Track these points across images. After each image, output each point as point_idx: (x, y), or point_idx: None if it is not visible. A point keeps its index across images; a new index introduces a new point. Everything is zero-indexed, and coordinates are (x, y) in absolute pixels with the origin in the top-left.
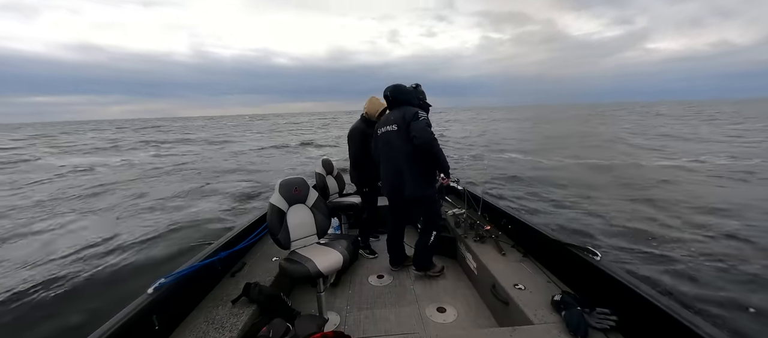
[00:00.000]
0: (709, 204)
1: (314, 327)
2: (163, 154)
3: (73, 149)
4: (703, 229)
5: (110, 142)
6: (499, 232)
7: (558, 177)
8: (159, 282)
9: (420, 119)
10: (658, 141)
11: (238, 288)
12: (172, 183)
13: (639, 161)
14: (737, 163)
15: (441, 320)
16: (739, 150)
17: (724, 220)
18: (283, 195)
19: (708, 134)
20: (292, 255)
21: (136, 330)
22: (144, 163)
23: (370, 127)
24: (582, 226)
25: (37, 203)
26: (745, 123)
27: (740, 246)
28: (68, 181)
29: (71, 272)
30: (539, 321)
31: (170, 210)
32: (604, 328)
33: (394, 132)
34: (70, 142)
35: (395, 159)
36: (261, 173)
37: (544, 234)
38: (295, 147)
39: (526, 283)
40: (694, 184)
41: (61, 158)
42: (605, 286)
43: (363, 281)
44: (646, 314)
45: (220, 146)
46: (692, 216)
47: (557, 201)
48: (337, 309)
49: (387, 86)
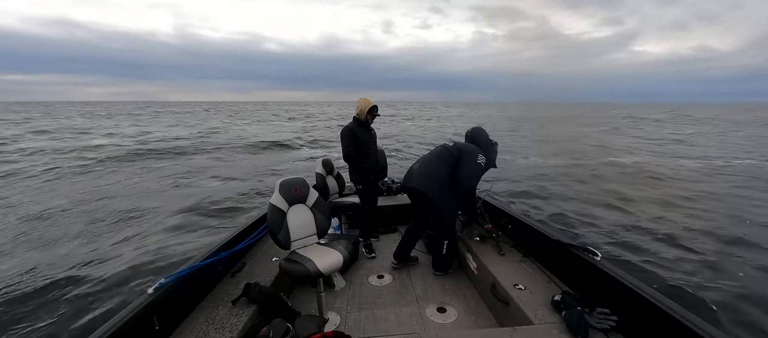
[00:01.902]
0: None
1: (314, 327)
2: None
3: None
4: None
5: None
6: (499, 232)
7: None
8: (159, 282)
9: (477, 163)
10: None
11: (238, 288)
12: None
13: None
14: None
15: (441, 320)
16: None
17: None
18: (283, 195)
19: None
20: (292, 255)
21: (136, 330)
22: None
23: (360, 127)
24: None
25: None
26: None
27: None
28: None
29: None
30: (539, 321)
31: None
32: (604, 328)
33: (448, 150)
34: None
35: (437, 171)
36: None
37: (544, 234)
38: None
39: (526, 283)
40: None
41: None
42: (605, 286)
43: (363, 281)
44: (646, 314)
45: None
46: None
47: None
48: (337, 309)
49: (472, 128)
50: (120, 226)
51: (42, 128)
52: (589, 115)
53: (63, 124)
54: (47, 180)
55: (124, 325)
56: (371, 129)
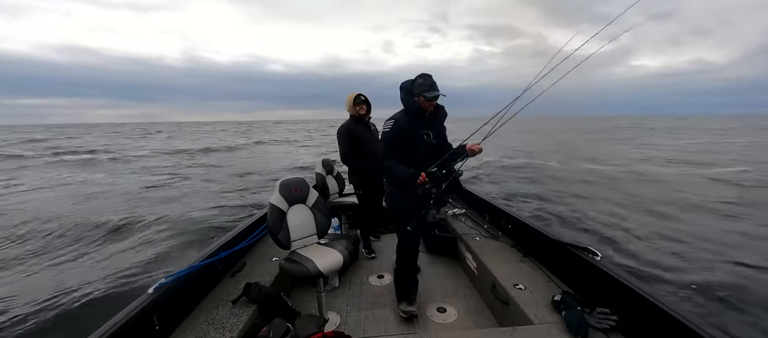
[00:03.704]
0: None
1: (314, 327)
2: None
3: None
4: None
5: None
6: (499, 232)
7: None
8: (159, 282)
9: (384, 133)
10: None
11: (238, 288)
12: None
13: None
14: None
15: (441, 320)
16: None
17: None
18: (283, 195)
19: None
20: (292, 255)
21: (136, 330)
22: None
23: (356, 124)
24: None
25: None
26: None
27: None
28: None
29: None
30: (539, 321)
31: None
32: (604, 328)
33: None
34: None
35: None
36: None
37: (544, 234)
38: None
39: (526, 283)
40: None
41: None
42: (605, 286)
43: (363, 281)
44: (646, 314)
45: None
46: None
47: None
48: (337, 309)
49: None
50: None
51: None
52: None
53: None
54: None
55: (124, 325)
56: (372, 126)
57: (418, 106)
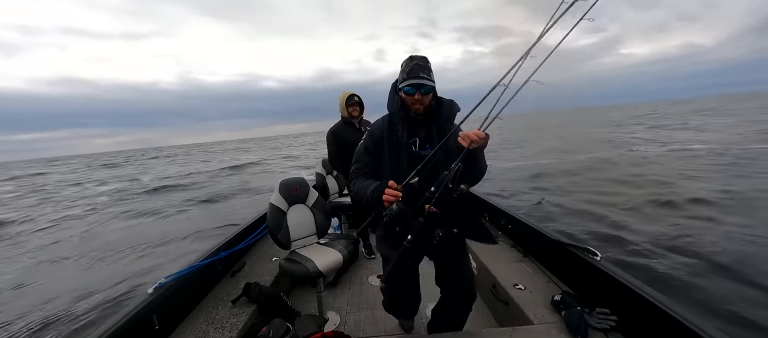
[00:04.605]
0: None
1: (314, 327)
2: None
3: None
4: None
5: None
6: (499, 232)
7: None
8: (159, 281)
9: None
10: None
11: (238, 288)
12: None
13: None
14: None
15: None
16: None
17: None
18: (283, 195)
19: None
20: (292, 255)
21: (136, 330)
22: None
23: (346, 127)
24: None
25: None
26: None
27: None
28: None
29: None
30: (539, 321)
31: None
32: (604, 328)
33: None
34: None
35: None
36: None
37: (544, 234)
38: None
39: (526, 283)
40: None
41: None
42: (605, 286)
43: (363, 281)
44: (646, 314)
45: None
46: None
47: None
48: (337, 309)
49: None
50: None
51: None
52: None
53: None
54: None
55: (124, 325)
56: (362, 129)
57: (400, 105)
